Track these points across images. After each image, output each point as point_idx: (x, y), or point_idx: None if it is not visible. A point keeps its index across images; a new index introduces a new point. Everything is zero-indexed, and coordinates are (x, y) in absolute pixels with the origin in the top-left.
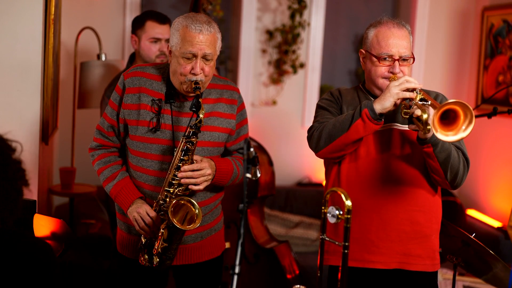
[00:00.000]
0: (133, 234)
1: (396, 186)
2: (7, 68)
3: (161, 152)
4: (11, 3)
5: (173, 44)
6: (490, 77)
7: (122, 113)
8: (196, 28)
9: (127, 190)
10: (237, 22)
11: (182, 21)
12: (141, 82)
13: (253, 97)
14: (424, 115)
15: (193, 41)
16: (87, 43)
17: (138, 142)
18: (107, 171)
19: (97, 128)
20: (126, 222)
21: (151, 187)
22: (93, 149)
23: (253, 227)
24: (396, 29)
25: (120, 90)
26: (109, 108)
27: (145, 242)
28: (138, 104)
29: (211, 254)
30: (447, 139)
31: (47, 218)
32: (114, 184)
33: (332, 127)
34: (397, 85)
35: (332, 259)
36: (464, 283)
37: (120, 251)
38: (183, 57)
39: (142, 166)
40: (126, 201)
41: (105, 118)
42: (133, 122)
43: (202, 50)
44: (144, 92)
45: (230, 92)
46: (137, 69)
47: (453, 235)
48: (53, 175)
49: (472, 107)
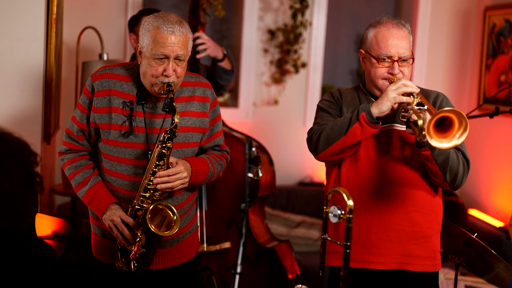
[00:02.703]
0: (107, 238)
1: (396, 187)
2: (9, 68)
3: (135, 156)
4: (13, 3)
5: (143, 45)
6: (492, 77)
7: (93, 117)
8: (168, 29)
9: (101, 195)
10: (239, 22)
11: (152, 22)
12: (111, 84)
13: (255, 97)
14: (420, 121)
15: (165, 42)
16: (89, 42)
17: (111, 146)
18: (79, 176)
19: (66, 131)
20: (100, 226)
21: (126, 192)
22: (62, 153)
23: (254, 226)
24: (395, 29)
25: (89, 93)
26: (78, 112)
27: (122, 247)
28: (109, 107)
29: (187, 256)
30: (441, 145)
31: (49, 217)
32: (87, 190)
33: (330, 131)
34: (395, 89)
35: (333, 260)
36: (466, 283)
37: (96, 256)
38: (154, 59)
39: (116, 170)
40: (100, 207)
41: (74, 121)
42: (104, 126)
43: (175, 52)
44: (114, 95)
45: (203, 89)
46: (105, 71)
47: (455, 235)
48: (55, 175)
49: (474, 107)
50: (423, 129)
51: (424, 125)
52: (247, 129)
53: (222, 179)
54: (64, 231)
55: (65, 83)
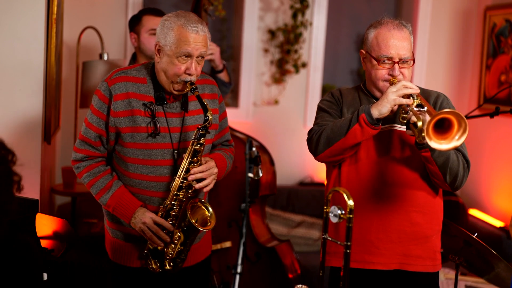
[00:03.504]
0: (132, 241)
1: (396, 187)
2: (9, 68)
3: (162, 156)
4: (13, 3)
5: (166, 43)
6: (493, 77)
7: (113, 122)
8: (192, 28)
9: (126, 200)
10: (239, 22)
11: (176, 20)
12: (128, 87)
13: (255, 97)
14: (419, 122)
15: (189, 41)
16: (89, 42)
17: (135, 149)
18: (100, 182)
19: (81, 138)
20: (122, 230)
21: (153, 193)
22: (78, 160)
23: (254, 226)
24: (396, 30)
25: (106, 98)
26: (94, 117)
27: (154, 248)
28: (130, 110)
29: (205, 253)
30: (440, 147)
31: (49, 217)
32: (110, 196)
33: (330, 132)
34: (395, 91)
35: (333, 260)
36: (466, 283)
37: (115, 260)
38: (178, 57)
39: (141, 173)
40: (127, 212)
41: (91, 128)
42: (127, 129)
43: (198, 50)
44: (133, 97)
45: (210, 86)
46: (119, 74)
47: (455, 235)
48: (55, 175)
49: (474, 107)
50: (422, 130)
51: (424, 127)
52: (247, 129)
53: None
54: (64, 231)
55: (66, 83)
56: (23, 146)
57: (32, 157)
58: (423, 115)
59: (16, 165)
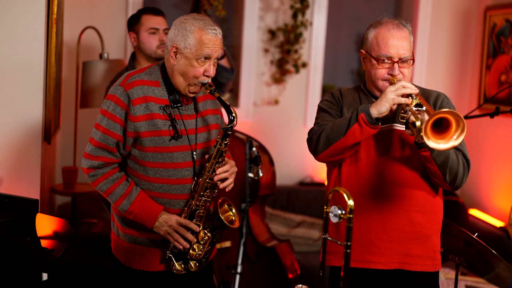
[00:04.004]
0: (153, 246)
1: (396, 186)
2: (9, 68)
3: (183, 159)
4: (13, 3)
5: (185, 45)
6: (493, 77)
7: (132, 127)
8: (212, 31)
9: (148, 205)
10: (239, 22)
11: (194, 23)
12: (144, 91)
13: (255, 97)
14: (417, 122)
15: (209, 43)
16: (89, 42)
17: (156, 153)
18: (119, 188)
19: (96, 145)
20: (140, 236)
21: (173, 196)
22: (94, 168)
23: (254, 226)
24: (396, 30)
25: (123, 103)
26: (111, 123)
27: (178, 251)
28: (149, 114)
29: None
30: (438, 147)
31: (50, 217)
32: (132, 202)
33: (330, 131)
34: (394, 90)
35: (334, 259)
36: (467, 283)
37: (129, 265)
38: (197, 59)
39: (162, 176)
40: (150, 217)
41: (108, 133)
42: (147, 133)
43: (217, 52)
44: (151, 101)
45: (212, 101)
46: (135, 78)
47: (455, 235)
48: (56, 175)
49: (474, 107)
50: (421, 130)
51: (422, 126)
52: (247, 129)
53: None
54: (64, 230)
55: (66, 83)
56: (23, 146)
57: (32, 157)
58: (422, 115)
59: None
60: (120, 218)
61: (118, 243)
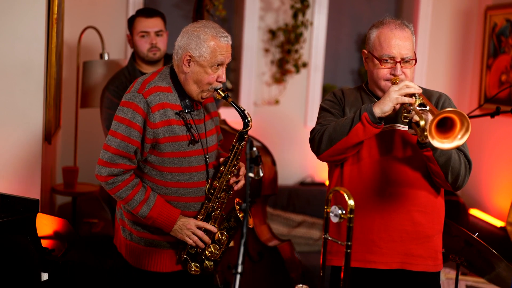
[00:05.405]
0: (167, 247)
1: (398, 186)
2: (10, 68)
3: (198, 162)
4: (13, 3)
5: (199, 54)
6: (493, 77)
7: (151, 133)
8: (224, 39)
9: (167, 210)
10: (240, 22)
11: (207, 31)
12: (161, 97)
13: (256, 97)
14: (421, 121)
15: (222, 50)
16: (90, 42)
17: (174, 158)
18: (139, 195)
19: (115, 153)
20: (155, 238)
21: (189, 199)
22: (113, 175)
23: (256, 225)
24: (398, 30)
25: (142, 110)
26: (131, 130)
27: (194, 252)
28: (166, 120)
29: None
30: (443, 146)
31: (50, 217)
32: (151, 207)
33: (332, 131)
34: (397, 90)
35: (335, 259)
36: (467, 283)
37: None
38: (212, 66)
39: (178, 180)
40: (169, 221)
41: (127, 141)
42: (165, 139)
43: (229, 58)
44: (167, 107)
45: (211, 103)
46: (152, 85)
47: (456, 235)
48: (56, 174)
49: (475, 107)
50: (425, 129)
51: (426, 126)
52: None
53: None
54: (65, 230)
55: (66, 83)
56: (23, 146)
57: (32, 157)
58: (426, 114)
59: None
60: (133, 222)
61: (132, 247)
